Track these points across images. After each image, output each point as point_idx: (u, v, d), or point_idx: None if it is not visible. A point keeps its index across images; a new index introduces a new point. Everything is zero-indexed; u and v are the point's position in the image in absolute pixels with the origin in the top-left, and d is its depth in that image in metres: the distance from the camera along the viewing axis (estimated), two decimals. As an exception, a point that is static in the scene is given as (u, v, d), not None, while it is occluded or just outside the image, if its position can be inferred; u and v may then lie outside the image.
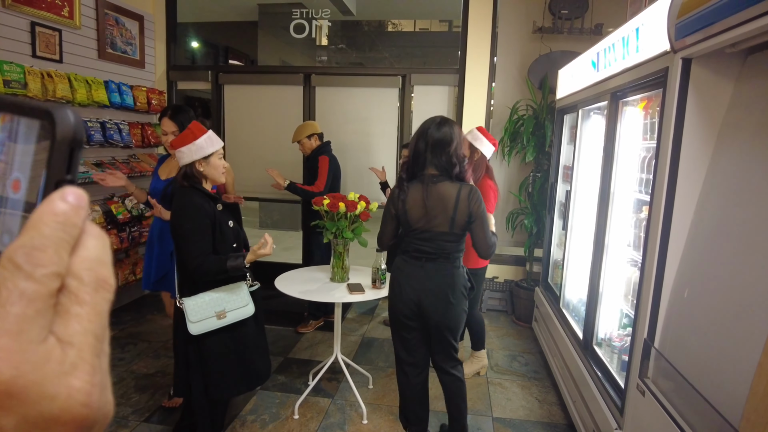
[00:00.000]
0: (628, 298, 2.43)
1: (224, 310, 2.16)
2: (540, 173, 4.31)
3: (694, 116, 1.77)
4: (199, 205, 2.11)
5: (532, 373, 3.50)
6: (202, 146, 2.13)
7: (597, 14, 4.24)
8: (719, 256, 1.65)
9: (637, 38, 2.17)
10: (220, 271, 2.12)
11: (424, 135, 2.20)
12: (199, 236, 2.09)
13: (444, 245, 2.23)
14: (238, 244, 2.28)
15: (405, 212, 2.22)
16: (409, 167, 2.26)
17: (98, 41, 4.04)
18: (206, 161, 2.16)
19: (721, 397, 1.47)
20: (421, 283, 2.25)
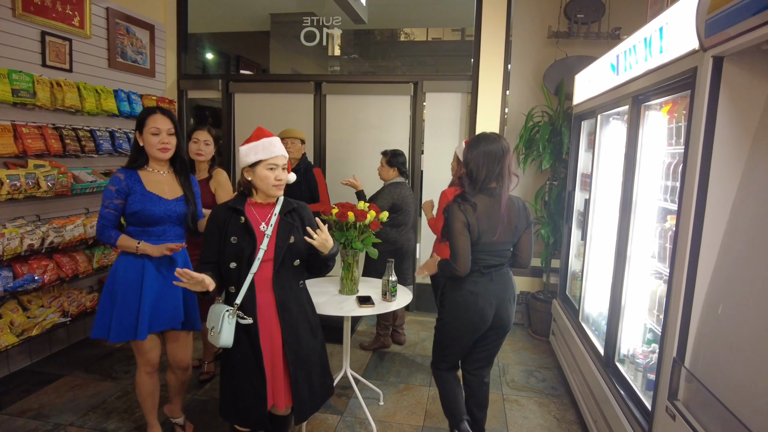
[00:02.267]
0: (653, 313, 2.30)
1: (213, 327, 1.93)
2: (557, 181, 4.18)
3: (726, 118, 1.65)
4: (215, 213, 2.02)
5: (549, 389, 3.35)
6: (247, 154, 1.97)
7: (614, 18, 4.13)
8: (757, 269, 1.52)
9: (660, 38, 2.06)
10: None
11: (482, 149, 2.24)
12: (204, 243, 2.01)
13: (505, 253, 2.34)
14: (239, 266, 1.95)
15: (478, 223, 2.21)
16: (471, 181, 2.26)
17: (108, 50, 4.02)
18: (252, 170, 1.98)
19: (763, 425, 1.34)
20: (498, 294, 2.30)
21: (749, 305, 1.52)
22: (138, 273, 2.33)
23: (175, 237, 2.41)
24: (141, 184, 2.31)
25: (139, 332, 2.30)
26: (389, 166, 3.69)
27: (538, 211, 4.32)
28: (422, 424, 2.89)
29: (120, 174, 2.30)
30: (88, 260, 3.60)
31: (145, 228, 2.33)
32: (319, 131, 4.81)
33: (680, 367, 1.75)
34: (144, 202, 2.29)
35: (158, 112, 2.34)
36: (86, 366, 3.45)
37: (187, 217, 2.42)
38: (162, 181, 2.38)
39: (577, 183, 3.69)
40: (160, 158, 2.35)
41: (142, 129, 2.32)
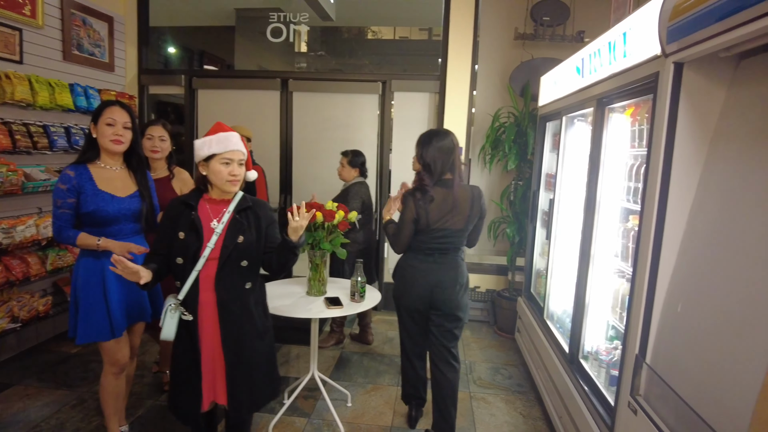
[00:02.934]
0: (616, 310, 2.35)
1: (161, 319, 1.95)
2: (522, 181, 4.25)
3: (685, 122, 1.71)
4: (169, 206, 1.99)
5: (516, 386, 3.40)
6: (201, 147, 1.93)
7: (579, 21, 4.22)
8: (715, 269, 1.57)
9: (624, 43, 2.11)
10: None
11: (435, 145, 2.44)
12: (156, 236, 2.01)
13: (456, 241, 2.50)
14: (186, 263, 1.90)
15: (427, 214, 2.41)
16: (430, 174, 2.45)
17: (63, 42, 3.84)
18: (206, 164, 1.93)
19: (719, 419, 1.39)
20: (436, 276, 2.47)
21: (706, 304, 1.58)
22: (98, 275, 2.27)
23: (131, 234, 2.36)
24: (92, 182, 2.23)
25: (104, 333, 2.27)
26: (351, 167, 3.70)
27: (504, 211, 4.38)
28: (391, 424, 2.88)
29: (69, 171, 2.21)
30: (41, 262, 3.44)
31: (100, 228, 2.26)
32: (286, 129, 4.73)
33: (642, 363, 1.80)
34: (97, 202, 2.22)
35: (116, 105, 2.27)
36: (39, 374, 3.28)
37: (142, 213, 2.36)
38: (114, 177, 2.30)
39: (542, 183, 3.76)
40: (113, 150, 2.26)
41: (97, 120, 2.24)
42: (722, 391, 1.42)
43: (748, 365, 1.33)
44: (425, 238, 2.46)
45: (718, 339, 1.49)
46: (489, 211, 4.55)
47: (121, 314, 2.31)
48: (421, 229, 2.44)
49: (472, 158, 4.55)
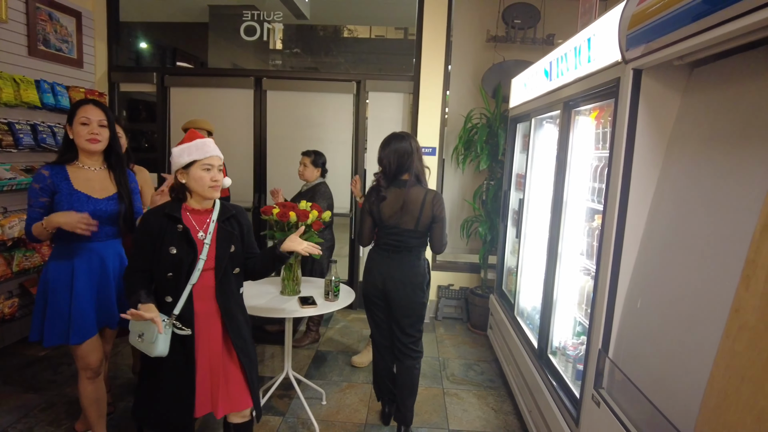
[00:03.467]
0: (582, 307, 2.44)
1: (143, 334, 1.84)
2: (494, 181, 4.34)
3: (644, 126, 1.78)
4: (146, 220, 1.90)
5: (488, 382, 3.48)
6: (180, 154, 1.88)
7: (549, 25, 4.32)
8: (670, 266, 1.65)
9: (589, 48, 2.19)
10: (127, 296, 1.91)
11: (393, 147, 2.57)
12: (134, 251, 1.90)
13: (408, 240, 2.59)
14: (178, 276, 1.88)
15: (379, 211, 2.59)
16: (385, 175, 2.60)
17: (28, 37, 3.75)
18: (186, 172, 1.89)
19: (674, 408, 1.47)
20: (387, 269, 2.61)
21: (663, 299, 1.66)
22: (67, 276, 2.23)
23: (105, 237, 2.30)
24: (68, 182, 2.18)
25: (72, 336, 2.21)
26: (314, 167, 3.72)
27: (476, 210, 4.46)
28: (365, 421, 2.92)
29: (45, 171, 2.16)
30: (7, 263, 3.36)
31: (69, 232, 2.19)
32: (260, 127, 4.71)
33: (605, 357, 1.88)
34: (71, 203, 2.16)
35: (90, 103, 2.22)
36: (5, 377, 3.21)
37: (119, 215, 2.31)
38: (92, 178, 2.25)
39: (513, 183, 3.85)
40: (90, 150, 2.22)
41: (72, 120, 2.19)
42: (676, 382, 1.50)
43: (698, 357, 1.41)
44: (381, 233, 2.66)
45: (672, 333, 1.57)
46: (462, 210, 4.65)
47: (89, 318, 2.26)
48: (376, 224, 2.65)
49: (446, 158, 4.62)
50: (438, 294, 4.67)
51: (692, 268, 1.54)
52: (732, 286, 1.31)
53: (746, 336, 1.22)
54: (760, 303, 1.19)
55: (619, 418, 1.71)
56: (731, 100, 1.53)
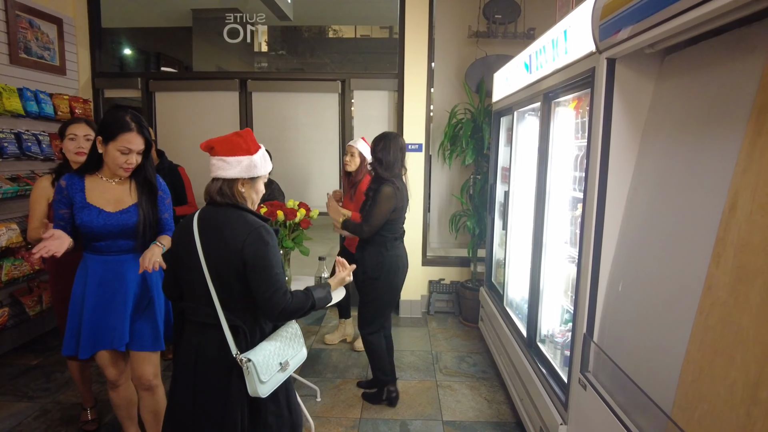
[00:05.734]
0: (568, 294, 2.49)
1: (287, 360, 1.72)
2: (480, 175, 4.38)
3: (620, 115, 1.83)
4: (271, 229, 1.69)
5: (480, 373, 3.52)
6: (256, 165, 1.69)
7: (529, 19, 4.37)
8: (649, 248, 1.70)
9: (565, 40, 2.23)
10: (305, 308, 1.69)
11: (397, 143, 2.88)
12: (279, 269, 1.65)
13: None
14: None
15: (403, 202, 2.88)
16: (389, 170, 2.84)
17: (9, 45, 3.73)
18: (251, 182, 1.73)
19: (656, 386, 1.51)
20: (406, 255, 3.02)
21: (643, 282, 1.70)
22: (81, 286, 2.15)
23: (119, 251, 2.15)
24: (82, 194, 2.09)
25: (81, 350, 2.13)
26: None
27: (464, 204, 4.50)
28: (359, 416, 2.95)
29: (62, 181, 2.09)
30: (-5, 273, 3.35)
31: (90, 242, 2.13)
32: (247, 130, 4.72)
33: (590, 341, 1.93)
34: (82, 216, 2.07)
35: (134, 130, 2.06)
36: (-2, 387, 3.21)
37: (137, 230, 2.15)
38: (108, 190, 2.13)
39: (498, 176, 3.89)
40: (120, 176, 2.14)
41: (108, 140, 2.04)
42: (657, 361, 1.55)
43: (676, 335, 1.45)
44: (396, 225, 2.89)
45: (652, 313, 1.62)
46: (450, 204, 4.70)
47: (89, 334, 2.13)
48: (396, 216, 2.85)
49: (432, 154, 4.66)
50: (429, 289, 4.71)
51: (669, 250, 1.59)
52: (705, 264, 1.36)
53: (718, 311, 1.26)
54: (730, 279, 1.23)
55: (605, 399, 1.75)
56: (701, 86, 1.58)
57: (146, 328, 2.21)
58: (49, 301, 3.84)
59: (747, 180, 1.26)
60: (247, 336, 1.66)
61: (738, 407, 1.16)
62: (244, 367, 1.59)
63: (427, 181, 4.64)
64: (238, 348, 1.62)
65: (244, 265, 1.59)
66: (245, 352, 1.62)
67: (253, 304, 1.65)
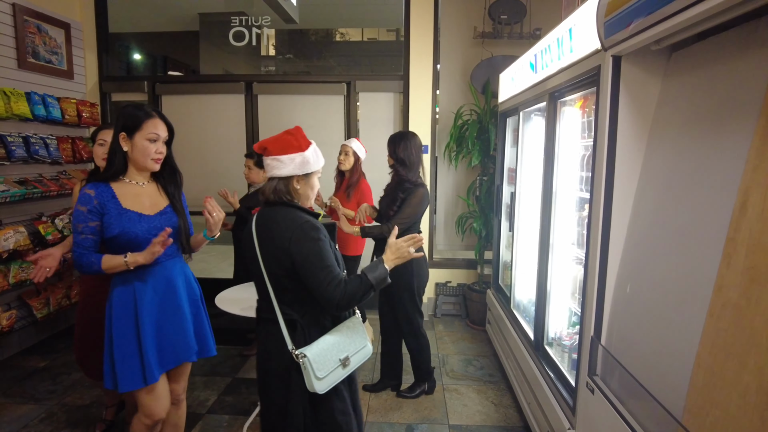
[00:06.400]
0: (576, 297, 2.45)
1: (348, 354, 1.69)
2: (486, 176, 4.35)
3: (626, 113, 1.80)
4: (317, 224, 1.66)
5: (487, 376, 3.48)
6: (309, 161, 1.71)
7: (535, 19, 4.34)
8: (656, 250, 1.66)
9: (570, 38, 2.20)
10: (365, 291, 1.64)
11: (416, 142, 2.91)
12: (329, 262, 1.63)
13: None
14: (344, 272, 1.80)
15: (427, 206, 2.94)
16: (412, 170, 2.88)
17: (17, 50, 3.76)
18: (306, 179, 1.73)
19: (665, 390, 1.47)
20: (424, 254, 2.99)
21: (651, 283, 1.67)
22: (130, 304, 1.93)
23: (165, 256, 2.00)
24: (115, 201, 1.89)
25: (148, 376, 1.92)
26: (259, 168, 3.57)
27: (471, 206, 4.47)
28: (365, 419, 2.92)
29: (89, 190, 1.86)
30: (3, 275, 3.37)
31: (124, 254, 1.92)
32: (252, 132, 4.73)
33: (597, 344, 1.89)
34: (122, 223, 1.88)
35: (157, 116, 1.95)
36: (4, 389, 3.21)
37: (180, 231, 2.03)
38: (140, 193, 1.97)
39: (505, 177, 3.86)
40: (152, 169, 1.98)
41: (133, 132, 1.90)
42: (666, 364, 1.51)
43: (686, 337, 1.42)
44: (417, 226, 2.95)
45: (661, 315, 1.58)
46: (456, 206, 4.67)
47: (155, 355, 1.95)
48: (418, 218, 2.91)
49: (438, 156, 4.63)
50: (436, 291, 4.68)
51: (678, 250, 1.55)
52: (716, 265, 1.32)
53: (729, 313, 1.23)
54: (741, 280, 1.20)
55: (613, 403, 1.71)
56: (709, 82, 1.55)
57: (200, 335, 2.13)
58: (56, 304, 3.86)
59: (758, 178, 1.22)
60: (304, 331, 1.66)
61: (751, 413, 1.12)
62: (300, 362, 1.60)
63: (433, 183, 4.61)
64: (295, 343, 1.64)
65: (292, 263, 1.61)
66: (302, 348, 1.62)
67: (309, 299, 1.66)
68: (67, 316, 4.22)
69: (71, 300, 3.97)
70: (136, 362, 1.91)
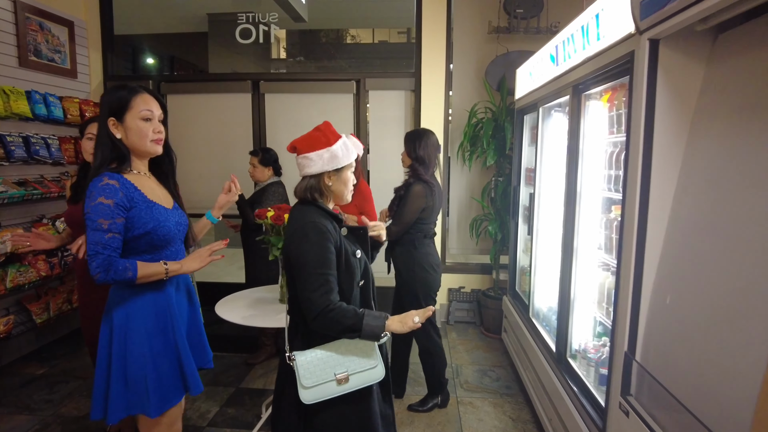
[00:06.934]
0: (603, 306, 2.25)
1: (347, 372, 1.56)
2: (502, 177, 4.16)
3: (664, 103, 1.61)
4: (323, 227, 1.55)
5: (504, 389, 3.29)
6: (337, 155, 1.61)
7: (553, 13, 4.15)
8: (702, 256, 1.47)
9: (597, 25, 2.02)
10: (349, 329, 1.51)
11: (431, 142, 2.83)
12: (324, 269, 1.52)
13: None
14: (366, 282, 1.69)
15: (434, 202, 2.79)
16: (426, 168, 2.80)
17: (18, 47, 3.66)
18: (337, 174, 1.65)
19: (718, 420, 1.28)
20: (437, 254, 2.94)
21: (696, 294, 1.47)
22: (167, 316, 1.73)
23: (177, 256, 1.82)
24: (140, 192, 1.67)
25: (192, 385, 1.76)
26: (263, 166, 3.45)
27: (485, 208, 4.28)
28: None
29: (111, 180, 1.60)
30: (0, 280, 3.25)
31: (156, 253, 1.71)
32: (258, 131, 4.59)
33: (632, 361, 1.70)
34: (156, 217, 1.67)
35: (144, 92, 1.70)
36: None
37: (190, 225, 1.89)
38: (153, 186, 1.77)
39: (522, 178, 3.67)
40: (154, 153, 1.73)
41: (123, 114, 1.65)
42: (720, 389, 1.31)
43: (746, 359, 1.22)
44: (428, 225, 2.84)
45: (711, 332, 1.38)
46: (470, 208, 4.49)
47: (193, 362, 1.80)
48: (426, 216, 2.80)
49: (451, 156, 4.45)
50: (449, 297, 4.49)
51: (730, 256, 1.36)
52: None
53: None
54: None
55: (653, 430, 1.52)
56: (763, 66, 1.36)
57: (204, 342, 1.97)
58: (56, 309, 3.74)
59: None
60: (306, 337, 1.61)
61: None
62: (291, 364, 1.56)
63: (446, 184, 4.43)
64: (293, 345, 1.61)
65: (290, 263, 1.58)
66: (295, 351, 1.57)
67: None
68: (69, 322, 4.10)
69: (72, 305, 3.86)
70: (177, 375, 1.75)
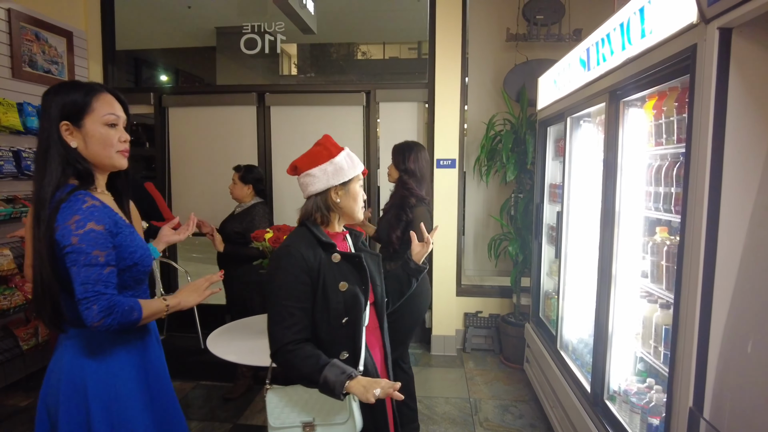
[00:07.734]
0: (649, 343, 1.94)
1: (313, 422, 1.42)
2: (522, 194, 3.87)
3: (739, 105, 1.33)
4: (297, 253, 1.41)
5: (528, 427, 2.96)
6: (342, 167, 1.49)
7: (575, 20, 3.90)
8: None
9: (642, 21, 1.76)
10: (305, 378, 1.37)
11: (425, 154, 2.75)
12: (289, 301, 1.39)
13: None
14: (355, 320, 1.44)
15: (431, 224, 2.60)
16: (421, 185, 2.67)
17: (12, 58, 3.48)
18: (344, 188, 1.52)
19: None
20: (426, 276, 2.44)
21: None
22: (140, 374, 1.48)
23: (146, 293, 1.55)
24: (119, 215, 1.42)
25: None
26: (243, 183, 3.18)
27: (505, 227, 3.99)
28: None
29: (93, 200, 1.33)
30: (-18, 304, 3.02)
31: (139, 288, 1.48)
32: (264, 145, 4.36)
33: (699, 419, 1.39)
34: (140, 244, 1.44)
35: (106, 91, 1.40)
36: (-24, 434, 2.83)
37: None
38: (116, 207, 1.48)
39: (546, 194, 3.37)
40: (119, 166, 1.44)
41: (80, 118, 1.35)
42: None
43: None
44: None
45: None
46: (487, 227, 4.21)
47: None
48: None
49: (467, 171, 4.18)
50: (465, 323, 4.18)
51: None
52: None
53: None
54: None
55: None
56: None
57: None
58: (45, 334, 3.50)
59: None
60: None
61: None
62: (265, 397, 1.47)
63: (461, 201, 4.15)
64: (273, 379, 1.50)
65: None
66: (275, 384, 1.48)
67: None
68: (60, 347, 3.85)
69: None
70: None
